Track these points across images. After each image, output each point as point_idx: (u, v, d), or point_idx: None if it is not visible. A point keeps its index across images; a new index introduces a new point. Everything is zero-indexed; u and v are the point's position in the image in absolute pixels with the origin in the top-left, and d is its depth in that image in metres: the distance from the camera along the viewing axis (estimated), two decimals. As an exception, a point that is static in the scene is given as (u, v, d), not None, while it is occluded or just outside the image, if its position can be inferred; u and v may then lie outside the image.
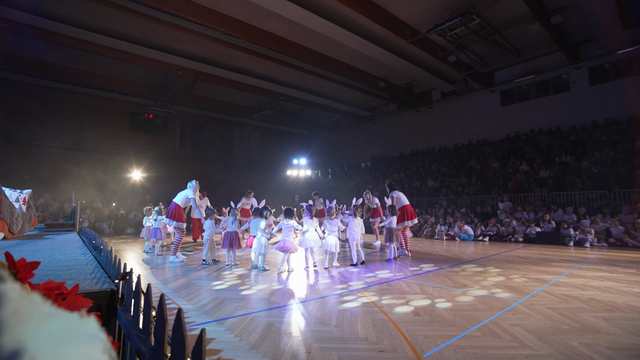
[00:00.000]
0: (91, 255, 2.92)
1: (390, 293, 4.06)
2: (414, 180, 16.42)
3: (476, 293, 3.99)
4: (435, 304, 3.56)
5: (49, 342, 0.33)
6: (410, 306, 3.48)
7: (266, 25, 10.77)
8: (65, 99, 15.89)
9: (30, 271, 0.94)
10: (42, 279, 1.59)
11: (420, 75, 14.14)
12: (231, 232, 6.00)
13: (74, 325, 0.37)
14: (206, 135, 21.16)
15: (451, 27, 9.83)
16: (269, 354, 2.35)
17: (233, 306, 3.51)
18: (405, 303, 3.60)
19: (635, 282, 4.55)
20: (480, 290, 4.11)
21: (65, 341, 0.35)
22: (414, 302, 3.64)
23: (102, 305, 1.55)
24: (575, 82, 13.36)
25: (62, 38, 10.96)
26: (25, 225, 5.03)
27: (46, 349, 0.32)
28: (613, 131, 11.84)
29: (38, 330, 0.33)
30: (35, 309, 0.34)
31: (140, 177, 16.51)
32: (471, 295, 3.88)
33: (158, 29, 10.97)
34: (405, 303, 3.60)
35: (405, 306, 3.49)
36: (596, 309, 3.32)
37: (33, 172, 14.54)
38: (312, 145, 24.54)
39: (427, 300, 3.69)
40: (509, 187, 12.62)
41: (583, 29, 11.56)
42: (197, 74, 14.10)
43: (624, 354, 2.31)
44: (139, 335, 1.13)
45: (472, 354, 2.34)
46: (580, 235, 9.20)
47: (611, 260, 6.54)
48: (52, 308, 0.35)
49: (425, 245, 9.45)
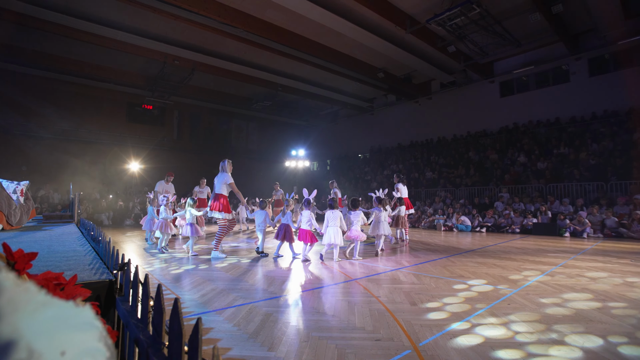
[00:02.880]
0: (89, 247, 2.93)
1: (387, 283, 4.11)
2: (413, 171, 16.45)
3: (472, 283, 4.04)
4: (432, 294, 3.61)
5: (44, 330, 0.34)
6: (407, 296, 3.52)
7: (264, 14, 10.63)
8: (62, 89, 15.75)
9: (28, 262, 0.95)
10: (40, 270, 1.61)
11: (420, 65, 14.04)
12: (286, 225, 6.06)
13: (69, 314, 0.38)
14: (204, 126, 21.07)
15: (451, 16, 9.72)
16: (267, 343, 2.39)
17: (232, 296, 3.55)
18: (402, 293, 3.64)
19: (629, 272, 4.61)
20: (476, 281, 4.16)
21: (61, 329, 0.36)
22: (410, 292, 3.69)
23: (101, 295, 1.57)
24: (575, 73, 13.30)
25: (57, 27, 10.81)
26: (24, 217, 5.04)
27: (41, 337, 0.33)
28: (612, 122, 11.84)
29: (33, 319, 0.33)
30: (31, 298, 0.35)
31: (138, 168, 16.47)
32: (467, 285, 3.93)
33: (154, 18, 10.81)
34: (402, 293, 3.64)
35: (402, 296, 3.53)
36: (590, 299, 3.38)
37: (31, 164, 14.49)
38: (310, 136, 24.47)
39: (424, 291, 3.73)
40: (506, 179, 12.66)
41: (584, 19, 11.46)
42: (195, 64, 13.96)
43: (616, 342, 2.36)
44: (137, 325, 1.14)
45: (466, 342, 2.38)
46: (574, 226, 9.28)
47: (606, 250, 6.61)
48: (48, 297, 0.36)
49: (423, 236, 9.51)
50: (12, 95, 14.20)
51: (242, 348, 2.31)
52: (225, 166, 6.03)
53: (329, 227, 5.70)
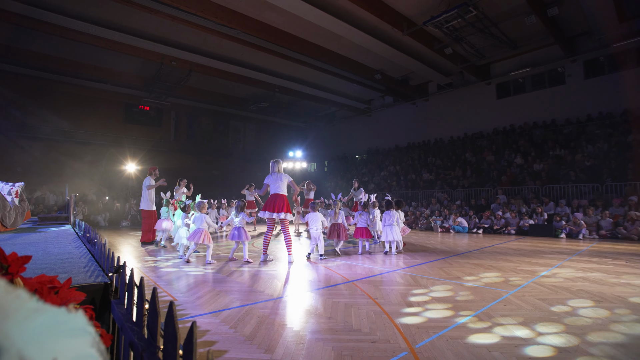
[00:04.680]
0: (85, 249, 2.91)
1: (384, 285, 4.11)
2: (410, 172, 16.49)
3: (469, 285, 4.05)
4: (428, 295, 3.62)
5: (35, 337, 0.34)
6: (404, 298, 3.53)
7: (261, 16, 10.64)
8: (58, 90, 15.67)
9: (22, 265, 0.94)
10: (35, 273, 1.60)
11: (417, 67, 14.09)
12: (338, 224, 6.47)
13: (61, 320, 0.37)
14: (201, 127, 21.02)
15: (448, 19, 9.77)
16: (263, 345, 2.38)
17: (228, 298, 3.54)
18: (399, 295, 3.65)
19: (624, 272, 4.64)
20: (472, 282, 4.17)
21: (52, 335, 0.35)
22: (407, 293, 3.69)
23: (96, 298, 1.56)
24: (570, 75, 13.40)
25: (53, 27, 10.76)
26: (18, 219, 5.00)
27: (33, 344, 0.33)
28: (606, 124, 11.94)
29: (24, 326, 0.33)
30: (21, 305, 0.34)
31: (135, 169, 16.40)
32: (464, 287, 3.94)
33: (151, 19, 10.79)
34: (398, 295, 3.65)
35: (398, 298, 3.53)
36: (585, 300, 3.40)
37: (26, 165, 14.39)
38: (308, 138, 24.47)
39: (421, 292, 3.74)
40: (502, 180, 12.72)
41: (579, 22, 11.55)
42: (192, 65, 13.94)
43: (610, 343, 2.38)
44: (132, 328, 1.14)
45: (463, 344, 2.39)
46: (570, 227, 9.33)
47: (601, 252, 6.66)
48: (39, 303, 0.36)
49: (420, 238, 9.53)
50: (6, 95, 14.11)
51: (239, 350, 2.30)
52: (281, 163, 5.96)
53: (386, 226, 6.33)
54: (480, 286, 3.97)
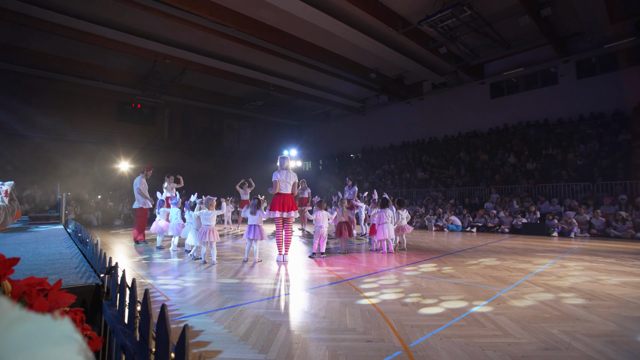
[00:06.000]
0: (77, 249, 2.88)
1: (378, 284, 4.12)
2: (404, 171, 16.56)
3: (462, 283, 4.08)
4: (422, 295, 3.63)
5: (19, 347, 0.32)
6: (398, 297, 3.54)
7: (256, 13, 10.58)
8: (49, 87, 15.45)
9: (10, 267, 0.92)
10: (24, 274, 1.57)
11: (411, 66, 14.13)
12: (344, 222, 6.59)
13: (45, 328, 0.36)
14: (195, 125, 20.89)
15: (442, 18, 9.81)
16: (258, 345, 2.37)
17: (222, 298, 3.52)
18: (393, 294, 3.66)
19: (614, 271, 4.71)
20: (466, 281, 4.20)
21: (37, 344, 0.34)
22: (401, 292, 3.71)
23: (87, 300, 1.54)
24: (563, 76, 13.54)
25: (45, 24, 10.60)
26: (8, 218, 4.92)
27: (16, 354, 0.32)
28: (598, 124, 12.09)
29: (7, 335, 0.32)
30: (3, 314, 0.33)
31: (128, 168, 16.24)
32: (457, 286, 3.97)
33: (145, 16, 10.68)
34: (392, 294, 3.66)
35: (392, 297, 3.54)
36: (576, 298, 3.44)
37: (16, 164, 14.17)
38: (302, 136, 24.44)
39: (415, 291, 3.76)
40: (496, 179, 12.83)
41: (572, 23, 11.67)
42: (186, 63, 13.83)
43: (600, 340, 2.41)
44: (124, 330, 1.12)
45: (456, 342, 2.40)
46: (562, 226, 9.44)
47: (593, 250, 6.74)
48: (22, 312, 0.35)
49: (414, 236, 9.57)
50: (-3, 93, 13.88)
51: (233, 351, 2.29)
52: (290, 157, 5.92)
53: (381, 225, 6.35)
54: (474, 284, 4.00)
